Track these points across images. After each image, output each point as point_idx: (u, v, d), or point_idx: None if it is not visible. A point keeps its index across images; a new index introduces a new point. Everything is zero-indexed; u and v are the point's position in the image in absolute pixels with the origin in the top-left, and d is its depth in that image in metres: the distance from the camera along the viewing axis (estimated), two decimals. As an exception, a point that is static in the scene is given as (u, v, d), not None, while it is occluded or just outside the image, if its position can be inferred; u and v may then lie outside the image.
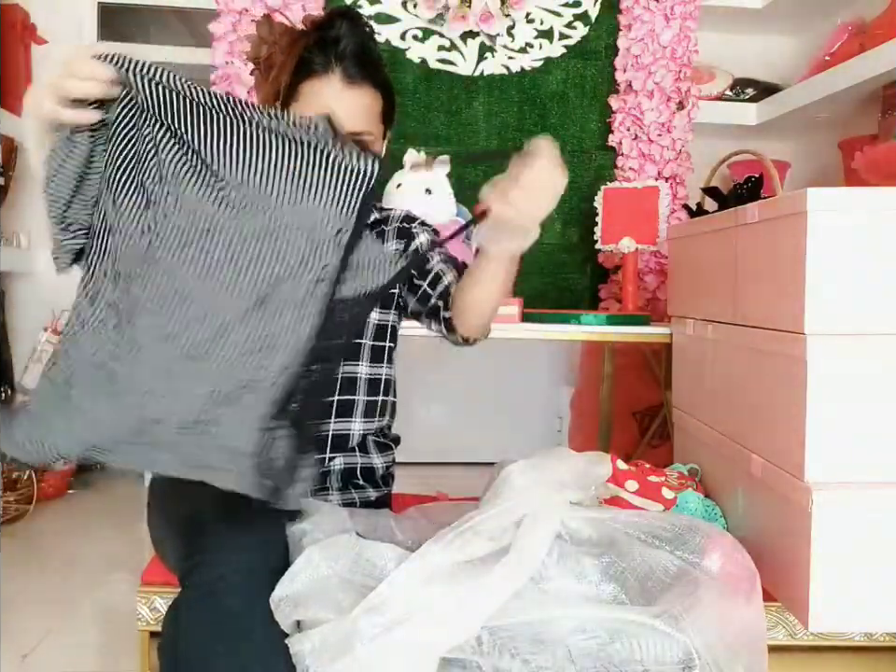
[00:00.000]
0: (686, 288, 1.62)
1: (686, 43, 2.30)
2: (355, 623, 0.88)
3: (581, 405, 2.73)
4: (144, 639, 1.18)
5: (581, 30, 2.34)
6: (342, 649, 0.87)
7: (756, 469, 1.21)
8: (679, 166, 2.31)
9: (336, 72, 1.14)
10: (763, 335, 1.20)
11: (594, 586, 0.99)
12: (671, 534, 1.04)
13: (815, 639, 1.20)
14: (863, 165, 1.93)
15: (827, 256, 1.06)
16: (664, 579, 0.98)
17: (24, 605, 1.83)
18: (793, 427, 1.09)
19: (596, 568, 1.01)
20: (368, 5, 2.28)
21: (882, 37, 2.06)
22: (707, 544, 1.03)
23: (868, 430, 1.07)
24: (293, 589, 0.94)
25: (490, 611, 0.89)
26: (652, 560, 1.00)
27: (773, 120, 2.60)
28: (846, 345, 1.06)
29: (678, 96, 2.31)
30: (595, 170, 2.35)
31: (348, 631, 0.88)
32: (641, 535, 1.04)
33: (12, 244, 2.99)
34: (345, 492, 1.25)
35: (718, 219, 1.44)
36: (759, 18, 2.67)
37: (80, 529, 2.39)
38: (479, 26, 2.29)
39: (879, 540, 1.06)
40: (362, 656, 0.86)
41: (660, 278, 2.24)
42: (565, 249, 2.33)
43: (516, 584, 0.92)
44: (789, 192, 1.21)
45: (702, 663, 0.88)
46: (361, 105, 1.16)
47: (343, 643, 0.87)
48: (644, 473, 1.38)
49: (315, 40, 1.15)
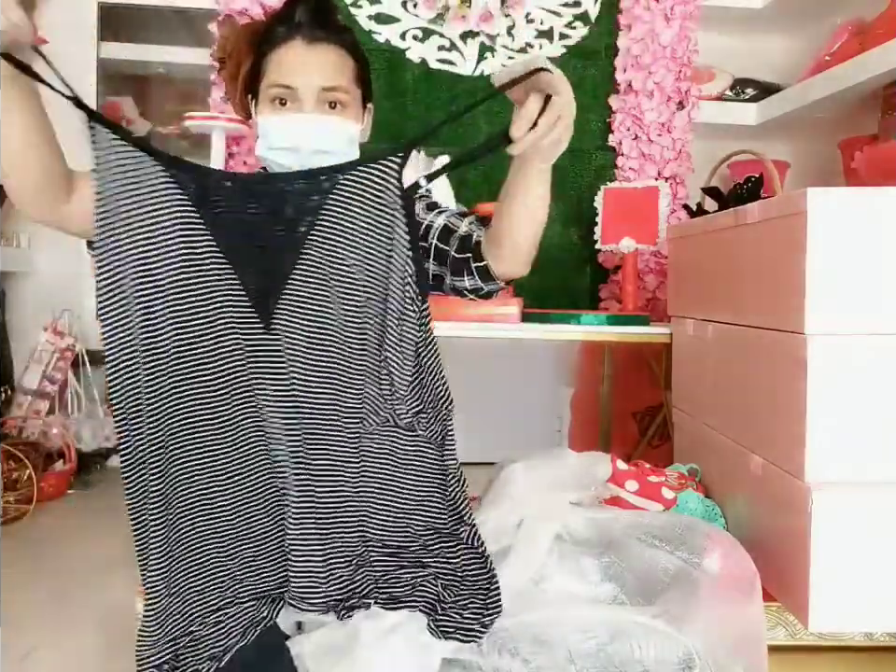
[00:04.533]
0: (686, 288, 1.62)
1: (686, 43, 2.30)
2: (357, 625, 0.88)
3: (580, 405, 2.73)
4: (144, 639, 1.18)
5: (581, 30, 2.34)
6: (344, 650, 0.87)
7: (756, 468, 1.21)
8: (679, 166, 2.31)
9: (296, 37, 1.08)
10: (763, 335, 1.20)
11: (593, 586, 0.99)
12: (671, 534, 1.04)
13: (815, 639, 1.20)
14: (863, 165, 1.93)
15: (827, 256, 1.06)
16: (663, 579, 0.99)
17: (24, 605, 1.83)
18: (793, 427, 1.09)
19: (596, 568, 1.01)
20: (368, 5, 2.28)
21: (882, 37, 2.06)
22: (707, 544, 1.03)
23: (868, 430, 1.07)
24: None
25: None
26: (652, 560, 1.00)
27: (773, 120, 2.60)
28: (846, 345, 1.06)
29: (678, 96, 2.31)
30: (595, 170, 2.35)
31: (350, 633, 0.88)
32: (641, 535, 1.04)
33: (12, 244, 2.99)
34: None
35: (718, 219, 1.44)
36: (759, 18, 2.67)
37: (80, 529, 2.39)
38: (479, 26, 2.29)
39: (879, 540, 1.06)
40: (364, 657, 0.86)
41: (660, 278, 2.24)
42: (565, 249, 2.33)
43: (517, 586, 0.92)
44: (789, 192, 1.21)
45: (702, 663, 0.88)
46: (327, 60, 1.09)
47: (344, 645, 0.87)
48: (644, 473, 1.38)
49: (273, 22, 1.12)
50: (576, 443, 2.66)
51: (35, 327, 2.95)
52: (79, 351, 3.00)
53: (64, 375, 2.96)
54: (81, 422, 2.91)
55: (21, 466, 2.51)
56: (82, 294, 3.16)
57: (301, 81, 1.06)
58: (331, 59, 1.09)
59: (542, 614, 0.91)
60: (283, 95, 1.06)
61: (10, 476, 2.48)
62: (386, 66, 2.26)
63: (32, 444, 2.68)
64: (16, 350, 2.98)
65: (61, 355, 2.94)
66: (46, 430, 2.80)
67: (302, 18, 1.08)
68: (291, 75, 1.06)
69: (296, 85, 1.05)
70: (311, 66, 1.06)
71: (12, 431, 2.75)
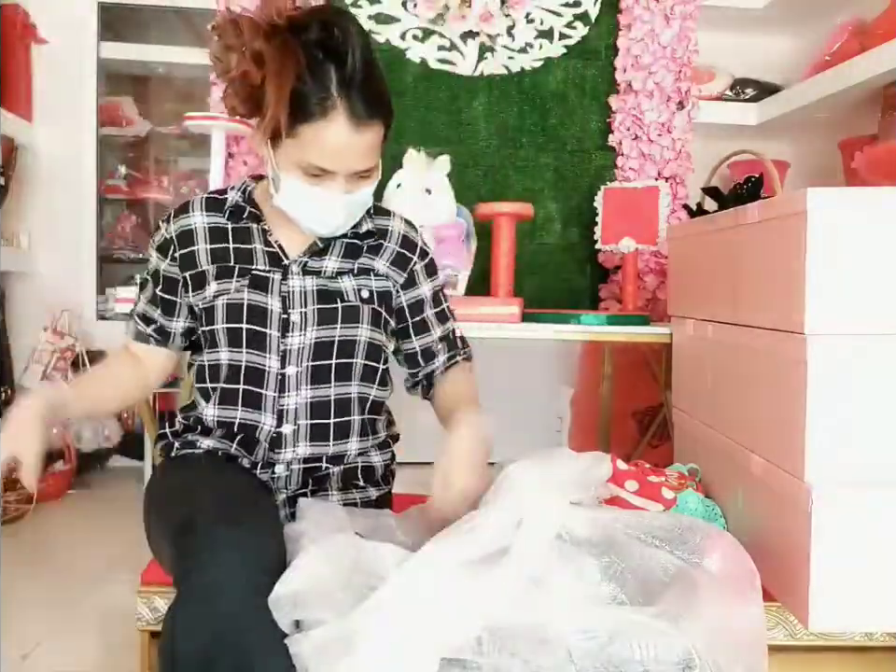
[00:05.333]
0: (686, 288, 1.62)
1: (686, 43, 2.30)
2: (356, 624, 0.88)
3: (580, 405, 2.73)
4: (144, 639, 1.18)
5: (581, 30, 2.34)
6: (343, 649, 0.87)
7: (756, 468, 1.21)
8: (679, 166, 2.31)
9: (340, 111, 1.03)
10: (763, 335, 1.20)
11: (594, 586, 0.99)
12: (671, 534, 1.04)
13: (815, 639, 1.20)
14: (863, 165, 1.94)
15: (827, 256, 1.06)
16: (664, 579, 0.98)
17: (24, 605, 1.83)
18: (793, 427, 1.09)
19: (596, 568, 1.01)
20: (368, 5, 2.28)
21: (882, 37, 2.06)
22: (707, 544, 1.03)
23: (868, 430, 1.07)
24: (293, 588, 0.94)
25: (490, 612, 0.89)
26: (652, 560, 1.00)
27: (773, 120, 2.60)
28: (846, 345, 1.06)
29: (678, 96, 2.31)
30: (594, 170, 2.35)
31: (349, 631, 0.87)
32: (641, 535, 1.04)
33: (12, 244, 2.99)
34: (346, 492, 1.25)
35: (718, 219, 1.44)
36: (759, 18, 2.67)
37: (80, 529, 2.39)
38: (479, 26, 2.29)
39: (879, 540, 1.06)
40: (363, 657, 0.86)
41: (660, 278, 2.24)
42: (565, 249, 2.33)
43: (516, 586, 0.92)
44: (789, 192, 1.21)
45: (702, 663, 0.88)
46: (369, 144, 1.07)
47: (344, 644, 0.87)
48: (644, 473, 1.38)
49: (307, 60, 1.02)
50: (576, 443, 2.66)
51: (35, 327, 2.96)
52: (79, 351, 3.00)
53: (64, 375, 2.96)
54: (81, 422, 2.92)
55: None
56: (82, 294, 3.16)
57: (341, 167, 1.08)
58: (373, 141, 1.08)
59: (542, 615, 0.91)
60: (318, 172, 1.08)
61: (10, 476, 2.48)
62: (386, 66, 2.26)
63: (32, 444, 2.68)
64: (16, 350, 2.98)
65: (61, 355, 2.94)
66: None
67: (352, 82, 1.03)
68: (332, 162, 1.07)
69: (335, 170, 1.08)
70: (354, 154, 1.07)
71: (12, 431, 2.74)
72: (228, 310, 1.18)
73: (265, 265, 1.21)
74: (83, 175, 3.15)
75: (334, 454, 1.23)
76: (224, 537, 0.95)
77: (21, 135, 2.93)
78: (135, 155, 3.51)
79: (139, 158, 3.52)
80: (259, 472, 1.21)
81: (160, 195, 3.51)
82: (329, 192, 1.10)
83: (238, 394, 1.19)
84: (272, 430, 1.19)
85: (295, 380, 1.19)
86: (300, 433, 1.20)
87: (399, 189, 1.84)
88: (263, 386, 1.19)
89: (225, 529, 0.97)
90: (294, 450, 1.20)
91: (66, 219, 3.13)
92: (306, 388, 1.20)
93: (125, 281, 3.08)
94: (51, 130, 3.06)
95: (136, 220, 3.48)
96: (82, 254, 3.17)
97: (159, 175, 3.53)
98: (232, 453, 1.21)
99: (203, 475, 1.16)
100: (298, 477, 1.21)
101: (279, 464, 1.20)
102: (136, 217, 3.49)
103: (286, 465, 1.20)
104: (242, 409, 1.19)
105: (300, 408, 1.19)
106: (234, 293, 1.18)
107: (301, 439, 1.20)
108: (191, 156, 3.47)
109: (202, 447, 1.22)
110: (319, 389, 1.20)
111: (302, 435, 1.20)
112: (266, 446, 1.20)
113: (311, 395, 1.20)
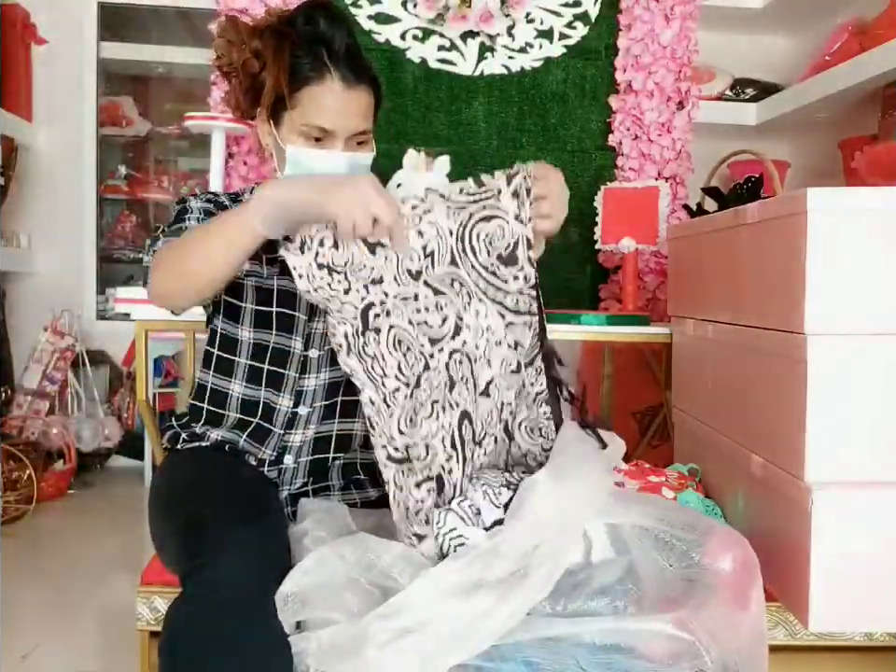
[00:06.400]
0: (686, 288, 1.62)
1: (686, 43, 2.30)
2: (365, 627, 0.87)
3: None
4: (144, 639, 1.18)
5: (581, 30, 2.33)
6: (350, 650, 0.86)
7: (756, 468, 1.21)
8: (679, 166, 2.31)
9: (333, 76, 1.14)
10: (763, 335, 1.20)
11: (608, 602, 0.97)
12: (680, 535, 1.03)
13: (815, 639, 1.20)
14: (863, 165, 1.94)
15: (827, 256, 1.06)
16: (671, 581, 0.98)
17: (24, 605, 1.83)
18: (793, 427, 1.09)
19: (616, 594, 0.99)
20: (368, 5, 2.28)
21: (882, 37, 2.06)
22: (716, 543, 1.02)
23: (868, 430, 1.07)
24: (301, 586, 0.94)
25: (502, 632, 0.89)
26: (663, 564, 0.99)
27: (773, 120, 2.60)
28: (846, 345, 1.06)
29: (678, 96, 2.31)
30: (595, 170, 2.35)
31: (358, 633, 0.87)
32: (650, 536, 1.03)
33: (12, 243, 3.00)
34: (346, 492, 1.25)
35: (718, 219, 1.44)
36: (759, 18, 2.67)
37: (80, 529, 2.39)
38: (479, 26, 2.29)
39: (879, 540, 1.06)
40: (370, 659, 0.85)
41: (660, 278, 2.24)
42: (565, 249, 2.32)
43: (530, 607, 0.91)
44: (789, 192, 1.21)
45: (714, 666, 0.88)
46: (360, 105, 1.17)
47: (351, 645, 0.87)
48: (644, 473, 1.39)
49: (299, 41, 1.14)
50: (576, 443, 2.66)
51: (35, 327, 2.96)
52: (79, 351, 3.00)
53: (64, 375, 2.96)
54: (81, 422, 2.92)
55: (20, 466, 2.51)
56: (82, 294, 3.16)
57: (339, 126, 1.15)
58: (363, 103, 1.18)
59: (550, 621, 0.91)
60: (319, 135, 1.15)
61: (10, 476, 2.48)
62: (386, 66, 2.26)
63: (32, 444, 2.69)
64: (16, 350, 2.99)
65: (61, 355, 2.94)
66: (46, 430, 2.80)
67: (339, 51, 1.15)
68: (330, 119, 1.15)
69: (334, 128, 1.15)
70: (348, 112, 1.15)
71: (12, 431, 2.75)
72: (257, 292, 1.23)
73: None
74: (83, 175, 3.15)
75: (340, 432, 1.26)
76: (233, 536, 0.96)
77: (21, 135, 2.93)
78: (135, 155, 3.52)
79: (139, 158, 3.52)
80: (267, 469, 1.22)
81: (160, 195, 3.51)
82: (334, 152, 1.16)
83: (262, 373, 1.23)
84: (288, 411, 1.23)
85: (317, 362, 1.24)
86: (314, 415, 1.24)
87: (398, 189, 1.83)
88: (287, 367, 1.23)
89: (234, 529, 0.98)
90: (305, 432, 1.24)
91: (66, 219, 3.13)
92: (325, 371, 1.24)
93: (125, 281, 3.09)
94: (51, 130, 3.07)
95: (136, 220, 3.48)
96: (82, 254, 3.17)
97: (159, 175, 3.54)
98: (241, 446, 1.22)
99: (212, 473, 1.17)
100: (304, 469, 1.24)
101: (288, 454, 1.23)
102: (136, 216, 3.49)
103: (294, 456, 1.23)
104: (265, 389, 1.23)
105: (318, 389, 1.24)
106: (266, 279, 1.23)
107: (314, 421, 1.24)
108: (191, 156, 3.47)
109: (209, 439, 1.23)
110: (338, 371, 1.21)
111: (316, 418, 1.24)
112: (280, 433, 1.23)
113: (329, 377, 1.24)
